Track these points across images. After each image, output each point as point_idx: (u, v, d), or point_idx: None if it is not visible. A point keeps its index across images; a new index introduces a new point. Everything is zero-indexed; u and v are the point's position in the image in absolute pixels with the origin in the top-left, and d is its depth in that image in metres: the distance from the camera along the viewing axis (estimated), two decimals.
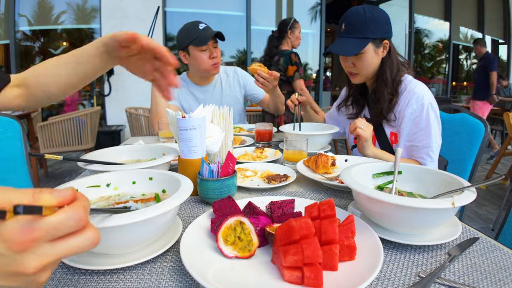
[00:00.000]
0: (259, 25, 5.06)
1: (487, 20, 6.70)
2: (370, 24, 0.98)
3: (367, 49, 1.00)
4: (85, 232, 0.27)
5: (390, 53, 1.04)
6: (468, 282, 0.43)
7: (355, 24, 1.00)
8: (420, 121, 0.98)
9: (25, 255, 0.24)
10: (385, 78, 1.04)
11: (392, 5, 5.23)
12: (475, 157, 1.12)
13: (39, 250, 0.25)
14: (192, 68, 1.54)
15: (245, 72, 1.73)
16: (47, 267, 0.26)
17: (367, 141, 0.93)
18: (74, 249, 0.26)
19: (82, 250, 0.27)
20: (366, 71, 1.05)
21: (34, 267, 0.24)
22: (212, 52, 1.45)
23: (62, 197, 0.26)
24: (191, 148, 0.70)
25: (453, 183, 0.58)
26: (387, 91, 1.04)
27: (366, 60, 1.02)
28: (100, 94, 4.12)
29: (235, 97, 1.68)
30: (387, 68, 1.03)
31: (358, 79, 1.09)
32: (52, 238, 0.25)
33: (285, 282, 0.40)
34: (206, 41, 1.39)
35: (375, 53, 1.02)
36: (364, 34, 0.99)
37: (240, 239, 0.47)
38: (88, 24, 4.61)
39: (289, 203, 0.55)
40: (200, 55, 1.44)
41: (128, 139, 1.42)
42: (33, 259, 0.24)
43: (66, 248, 0.26)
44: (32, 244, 0.24)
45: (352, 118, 1.22)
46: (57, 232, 0.25)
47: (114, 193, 0.60)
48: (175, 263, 0.47)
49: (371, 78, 1.09)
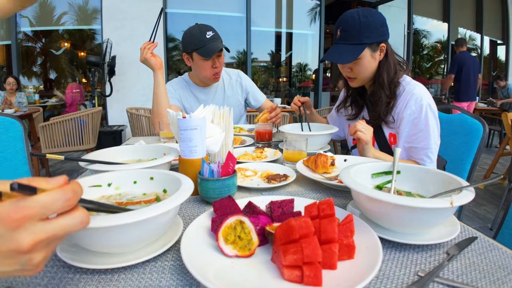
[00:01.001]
0: (259, 26, 5.07)
1: (485, 21, 6.72)
2: (365, 29, 0.97)
3: (364, 54, 0.99)
4: (75, 212, 0.30)
5: (387, 56, 1.04)
6: (467, 281, 0.43)
7: (350, 29, 0.98)
8: (419, 122, 0.98)
9: (19, 232, 0.26)
10: (382, 81, 1.03)
11: (391, 6, 5.24)
12: (474, 157, 1.12)
13: (32, 227, 0.27)
14: (194, 72, 1.55)
15: (247, 77, 1.73)
16: (41, 246, 0.28)
17: (368, 144, 0.93)
18: (64, 227, 0.29)
19: (72, 229, 0.30)
20: (364, 75, 1.05)
21: (28, 243, 0.27)
22: (215, 62, 1.44)
23: (56, 183, 0.29)
24: (192, 148, 0.71)
25: (451, 182, 0.58)
26: (385, 93, 1.03)
27: (363, 65, 1.02)
28: (101, 95, 4.13)
29: (237, 100, 1.68)
30: (384, 70, 1.03)
31: (356, 83, 1.09)
32: (43, 216, 0.28)
33: (285, 281, 0.40)
34: (210, 54, 1.38)
35: (372, 57, 1.01)
36: (360, 40, 0.97)
37: (240, 238, 0.47)
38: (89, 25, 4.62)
39: (289, 203, 0.55)
40: (203, 64, 1.43)
41: (129, 139, 1.43)
42: (26, 235, 0.27)
43: (57, 226, 0.28)
44: (25, 221, 0.26)
45: (351, 119, 1.22)
46: (48, 211, 0.28)
47: (115, 193, 0.60)
48: (176, 262, 0.47)
49: (369, 80, 1.09)
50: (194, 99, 1.60)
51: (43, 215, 0.28)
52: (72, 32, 4.74)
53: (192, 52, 1.43)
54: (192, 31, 1.43)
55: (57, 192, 0.28)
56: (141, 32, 4.02)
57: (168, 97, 1.43)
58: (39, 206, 0.27)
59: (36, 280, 0.42)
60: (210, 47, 1.38)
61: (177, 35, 5.08)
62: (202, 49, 1.38)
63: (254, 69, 6.09)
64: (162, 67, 1.33)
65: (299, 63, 6.67)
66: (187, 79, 1.62)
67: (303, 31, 5.95)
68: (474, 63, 4.13)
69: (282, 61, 6.70)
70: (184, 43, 1.46)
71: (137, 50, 1.46)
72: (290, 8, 5.64)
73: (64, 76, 5.96)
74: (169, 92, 1.51)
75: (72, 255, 0.46)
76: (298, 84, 6.74)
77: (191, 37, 1.42)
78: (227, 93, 1.65)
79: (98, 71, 3.81)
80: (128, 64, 4.05)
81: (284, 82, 6.86)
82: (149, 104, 3.93)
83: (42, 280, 0.42)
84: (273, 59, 6.54)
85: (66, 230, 0.29)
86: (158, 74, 1.32)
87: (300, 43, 6.37)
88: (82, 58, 5.28)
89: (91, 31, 4.68)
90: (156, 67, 1.30)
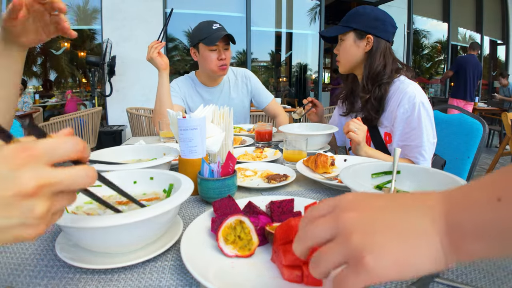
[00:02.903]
0: (259, 26, 5.08)
1: (485, 21, 6.73)
2: (357, 16, 1.06)
3: (347, 37, 1.07)
4: (82, 166, 0.29)
5: (376, 51, 1.04)
6: (467, 281, 0.43)
7: (346, 16, 1.09)
8: (412, 120, 0.99)
9: (23, 172, 0.25)
10: (365, 73, 1.07)
11: (391, 6, 5.25)
12: (474, 157, 1.12)
13: (36, 169, 0.25)
14: (201, 67, 1.54)
15: (254, 76, 1.72)
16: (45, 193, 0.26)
17: (359, 145, 0.95)
18: (70, 176, 0.27)
19: (79, 181, 0.28)
20: (345, 60, 1.11)
21: (32, 185, 0.25)
22: (221, 54, 1.45)
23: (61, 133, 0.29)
24: (192, 148, 0.71)
25: (451, 183, 0.58)
26: (364, 86, 1.06)
27: (345, 47, 1.09)
28: (101, 95, 4.13)
29: (242, 100, 1.67)
30: (367, 64, 1.06)
31: (341, 68, 1.15)
32: (50, 160, 0.26)
33: (285, 281, 0.40)
34: (215, 41, 1.39)
35: (355, 43, 1.07)
36: (347, 23, 1.07)
37: (240, 238, 0.47)
38: (89, 25, 4.62)
39: (289, 203, 0.55)
40: (209, 55, 1.44)
41: (129, 139, 1.43)
42: (30, 176, 0.25)
43: (62, 174, 0.27)
44: (30, 160, 0.25)
45: (345, 115, 1.23)
46: (55, 154, 0.27)
47: (115, 193, 0.60)
48: (176, 262, 0.47)
49: (356, 71, 1.13)
50: (199, 98, 1.59)
51: (50, 158, 0.26)
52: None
53: (198, 44, 1.45)
54: (199, 25, 1.46)
55: (66, 139, 0.27)
56: (141, 32, 4.02)
57: (172, 95, 1.43)
58: (47, 147, 0.26)
59: (36, 280, 0.42)
60: (215, 35, 1.40)
61: (177, 35, 5.08)
62: (207, 38, 1.41)
63: (254, 69, 6.09)
64: (168, 67, 1.33)
65: (299, 63, 6.68)
66: (193, 77, 1.61)
67: (303, 31, 5.95)
68: (476, 67, 4.23)
69: (282, 61, 6.70)
70: (191, 37, 1.49)
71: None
72: (290, 8, 5.64)
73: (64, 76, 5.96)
74: (174, 90, 1.51)
75: (72, 255, 0.46)
76: (298, 84, 6.75)
77: (198, 30, 1.45)
78: (232, 95, 1.64)
79: (98, 71, 3.81)
80: (128, 64, 4.04)
81: (284, 82, 6.86)
82: (149, 104, 3.92)
83: (42, 280, 0.42)
84: (273, 59, 6.54)
85: (72, 180, 0.27)
86: (163, 74, 1.32)
87: (300, 43, 6.37)
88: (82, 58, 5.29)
89: (91, 31, 4.69)
90: (161, 67, 1.30)
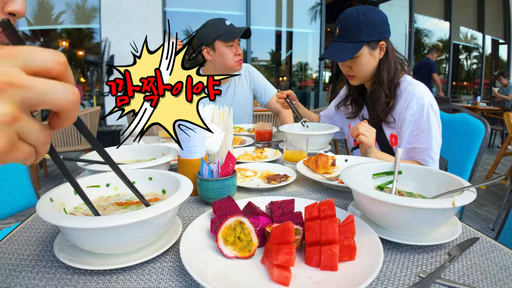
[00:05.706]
0: (259, 25, 5.06)
1: (487, 20, 6.71)
2: (363, 26, 0.96)
3: (362, 52, 0.99)
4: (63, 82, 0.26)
5: (388, 54, 1.03)
6: (468, 282, 0.43)
7: (349, 27, 0.98)
8: (421, 123, 0.97)
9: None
10: (381, 80, 1.03)
11: (392, 5, 5.23)
12: (475, 157, 1.12)
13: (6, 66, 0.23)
14: (215, 64, 1.51)
15: (256, 72, 1.72)
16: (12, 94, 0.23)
17: (371, 148, 0.92)
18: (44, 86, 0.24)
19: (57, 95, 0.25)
20: (363, 74, 1.05)
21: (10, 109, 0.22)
22: (238, 49, 1.46)
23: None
24: (191, 148, 0.70)
25: (453, 183, 0.58)
26: (384, 93, 1.03)
27: (362, 63, 1.01)
28: (100, 94, 4.12)
29: (245, 97, 1.67)
30: (384, 69, 1.03)
31: (356, 81, 1.09)
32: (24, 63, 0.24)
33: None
34: (235, 36, 1.39)
35: (371, 55, 1.01)
36: (358, 38, 0.97)
37: (240, 239, 0.47)
38: (88, 24, 4.61)
39: (289, 203, 0.55)
40: (227, 51, 1.44)
41: (128, 139, 1.42)
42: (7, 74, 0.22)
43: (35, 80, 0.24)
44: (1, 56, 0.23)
45: (351, 117, 1.22)
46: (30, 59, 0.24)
47: (114, 193, 0.60)
48: (175, 263, 0.47)
49: (370, 79, 1.08)
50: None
51: (24, 62, 0.23)
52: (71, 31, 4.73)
53: (214, 42, 1.43)
54: (210, 22, 1.45)
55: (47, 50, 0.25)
56: (140, 31, 4.01)
57: None
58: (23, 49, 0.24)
59: (35, 281, 0.42)
60: (233, 30, 1.41)
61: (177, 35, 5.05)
62: (225, 34, 1.40)
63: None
64: None
65: (300, 62, 6.66)
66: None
67: (303, 29, 5.93)
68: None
69: (283, 60, 6.69)
70: (204, 35, 1.45)
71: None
72: (290, 7, 5.63)
73: None
74: None
75: (70, 256, 0.45)
76: (298, 83, 6.73)
77: (211, 27, 1.43)
78: (237, 91, 1.64)
79: (96, 70, 3.80)
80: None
81: (285, 81, 6.85)
82: None
83: (41, 281, 0.42)
84: (273, 58, 6.52)
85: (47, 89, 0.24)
86: None
87: (300, 42, 6.35)
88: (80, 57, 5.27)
89: (90, 30, 4.67)
90: None
